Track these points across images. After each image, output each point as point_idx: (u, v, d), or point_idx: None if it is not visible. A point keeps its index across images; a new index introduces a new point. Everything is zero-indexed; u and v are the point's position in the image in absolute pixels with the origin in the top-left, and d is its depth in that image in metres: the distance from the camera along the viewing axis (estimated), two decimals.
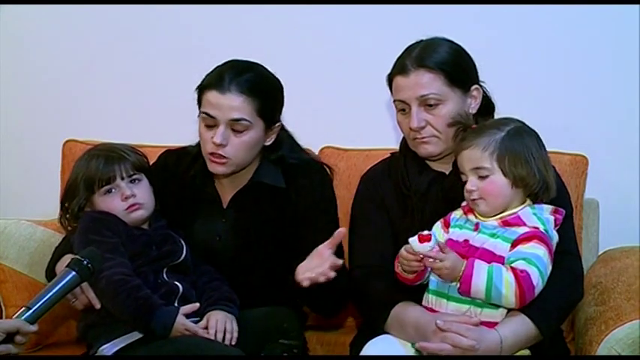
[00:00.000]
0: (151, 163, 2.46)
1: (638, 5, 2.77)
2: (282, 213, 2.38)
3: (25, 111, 3.20)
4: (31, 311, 1.85)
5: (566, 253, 2.19)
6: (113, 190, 2.28)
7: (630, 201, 2.80)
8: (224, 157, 2.29)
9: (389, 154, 2.44)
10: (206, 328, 2.18)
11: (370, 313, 2.22)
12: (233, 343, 2.18)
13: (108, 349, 2.20)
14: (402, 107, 2.26)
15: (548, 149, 2.47)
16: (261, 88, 2.30)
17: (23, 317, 1.84)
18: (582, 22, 2.82)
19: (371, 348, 2.11)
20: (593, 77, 2.82)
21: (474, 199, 2.09)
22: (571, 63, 2.83)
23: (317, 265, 2.16)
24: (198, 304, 2.22)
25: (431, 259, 2.01)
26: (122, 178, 2.28)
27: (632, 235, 2.72)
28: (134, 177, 2.30)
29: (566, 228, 2.22)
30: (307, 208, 2.38)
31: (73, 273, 1.92)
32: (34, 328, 1.84)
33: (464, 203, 2.17)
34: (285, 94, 2.38)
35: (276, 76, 2.37)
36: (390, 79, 2.29)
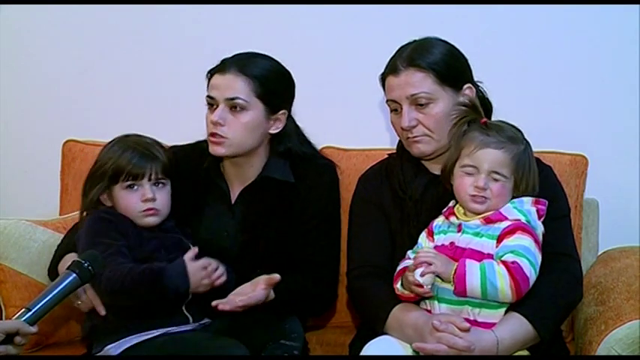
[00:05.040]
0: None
1: (638, 5, 2.77)
2: (290, 209, 2.39)
3: (25, 111, 3.20)
4: (31, 312, 1.84)
5: (564, 255, 2.19)
6: (135, 187, 2.26)
7: (630, 201, 2.81)
8: (222, 137, 2.31)
9: (386, 155, 2.44)
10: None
11: (370, 314, 2.22)
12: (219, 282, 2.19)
13: (113, 349, 2.19)
14: (394, 107, 2.27)
15: (548, 149, 2.50)
16: (262, 71, 2.35)
17: (23, 318, 1.83)
18: (582, 22, 2.82)
19: (371, 348, 2.10)
20: (593, 77, 2.83)
21: (478, 196, 2.09)
22: (571, 63, 2.83)
23: (250, 291, 2.20)
24: (197, 249, 2.20)
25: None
26: (149, 179, 2.26)
27: (632, 236, 2.72)
28: (160, 181, 2.29)
29: (563, 229, 2.23)
30: (315, 207, 2.40)
31: (74, 275, 1.92)
32: (33, 329, 1.84)
33: (445, 209, 2.18)
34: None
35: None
36: (383, 80, 2.30)
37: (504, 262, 2.02)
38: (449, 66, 2.24)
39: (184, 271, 2.15)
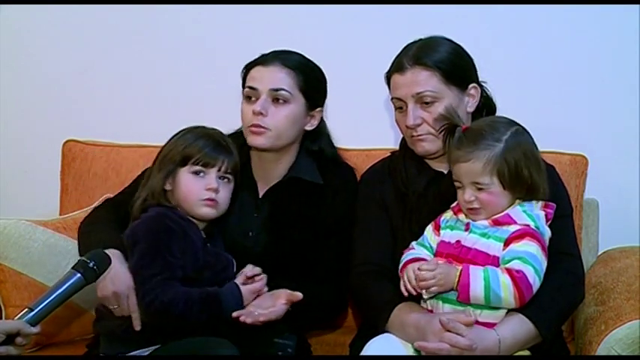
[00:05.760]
0: (151, 162, 2.47)
1: (638, 5, 2.77)
2: (316, 211, 2.38)
3: (25, 111, 3.20)
4: (33, 313, 1.83)
5: (567, 254, 2.19)
6: (202, 175, 2.20)
7: (630, 201, 2.81)
8: (264, 127, 2.31)
9: (389, 154, 2.44)
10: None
11: (371, 313, 2.22)
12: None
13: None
14: (400, 105, 2.27)
15: (548, 149, 2.49)
16: (304, 66, 2.37)
17: (25, 318, 1.82)
18: (582, 22, 2.82)
19: (372, 346, 2.10)
20: (593, 77, 2.83)
21: (472, 208, 2.09)
22: (571, 63, 2.84)
23: (270, 306, 2.18)
24: (250, 271, 2.21)
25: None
26: (218, 170, 2.21)
27: (632, 236, 2.73)
28: (227, 175, 2.23)
29: (566, 228, 2.24)
30: (340, 212, 2.39)
31: (78, 275, 1.90)
32: (35, 330, 1.82)
33: (454, 204, 2.17)
34: None
35: None
36: (388, 77, 2.31)
37: (509, 271, 2.01)
38: (454, 65, 2.24)
39: (239, 295, 2.15)
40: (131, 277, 2.14)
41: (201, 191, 2.19)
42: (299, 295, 2.18)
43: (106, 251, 2.12)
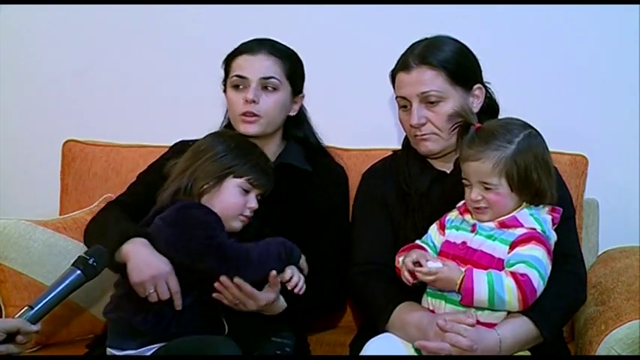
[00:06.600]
0: (151, 162, 2.48)
1: (638, 5, 2.77)
2: (304, 198, 2.40)
3: (25, 111, 3.19)
4: (33, 311, 1.82)
5: (569, 256, 2.19)
6: (247, 194, 2.23)
7: (630, 201, 2.81)
8: (256, 114, 2.34)
9: (391, 152, 2.45)
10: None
11: (372, 313, 2.22)
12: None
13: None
14: (404, 104, 2.27)
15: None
16: (287, 53, 2.41)
17: (25, 316, 1.82)
18: (582, 22, 2.82)
19: (372, 346, 2.10)
20: (593, 77, 2.83)
21: (479, 208, 2.09)
22: (571, 63, 2.84)
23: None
24: None
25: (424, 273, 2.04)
26: (262, 195, 2.25)
27: (632, 236, 2.73)
28: (259, 197, 2.27)
29: (569, 230, 2.23)
30: (329, 202, 2.40)
31: (78, 272, 1.89)
32: (35, 328, 1.82)
33: (460, 204, 2.17)
34: None
35: None
36: (393, 76, 2.31)
37: (514, 275, 2.01)
38: (460, 65, 2.24)
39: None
40: (165, 261, 2.13)
41: (243, 207, 2.23)
42: (273, 273, 2.17)
43: (133, 239, 2.15)
